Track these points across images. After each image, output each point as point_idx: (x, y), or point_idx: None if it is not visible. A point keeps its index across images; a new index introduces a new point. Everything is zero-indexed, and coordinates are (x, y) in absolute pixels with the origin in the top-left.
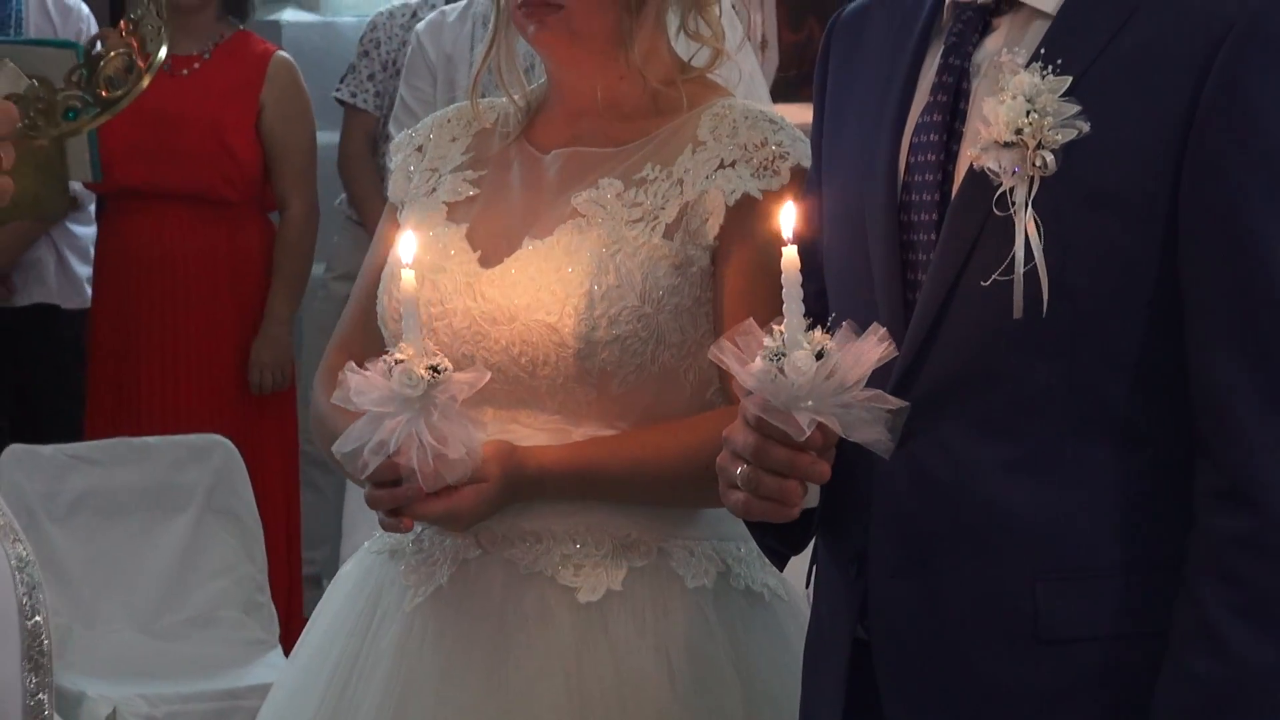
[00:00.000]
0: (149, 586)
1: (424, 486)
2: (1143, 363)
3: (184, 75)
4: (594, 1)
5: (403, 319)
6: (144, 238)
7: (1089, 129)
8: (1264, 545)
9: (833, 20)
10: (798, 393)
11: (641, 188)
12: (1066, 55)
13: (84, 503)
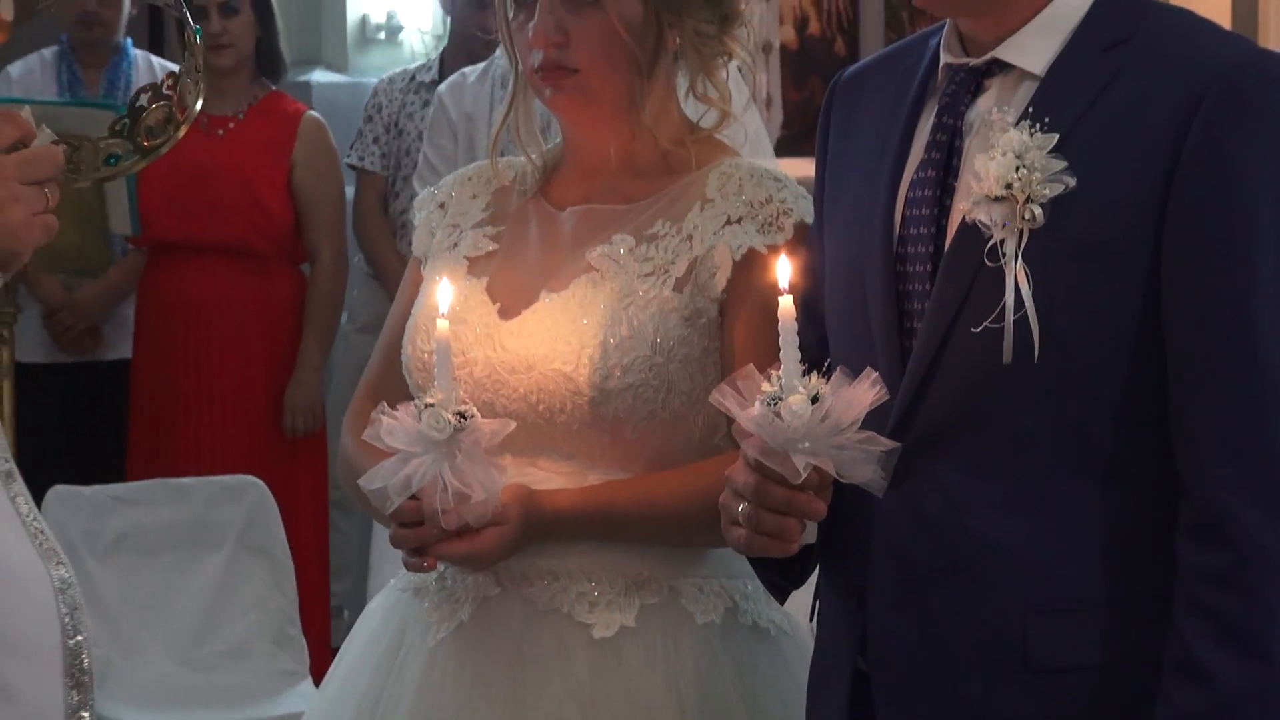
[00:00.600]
0: (185, 620)
1: (445, 527)
2: (1128, 406)
3: (219, 134)
4: (607, 66)
5: (436, 365)
6: (181, 288)
7: (1075, 184)
8: (1237, 579)
9: (834, 81)
10: (794, 435)
11: (653, 243)
12: (1054, 114)
13: (124, 541)
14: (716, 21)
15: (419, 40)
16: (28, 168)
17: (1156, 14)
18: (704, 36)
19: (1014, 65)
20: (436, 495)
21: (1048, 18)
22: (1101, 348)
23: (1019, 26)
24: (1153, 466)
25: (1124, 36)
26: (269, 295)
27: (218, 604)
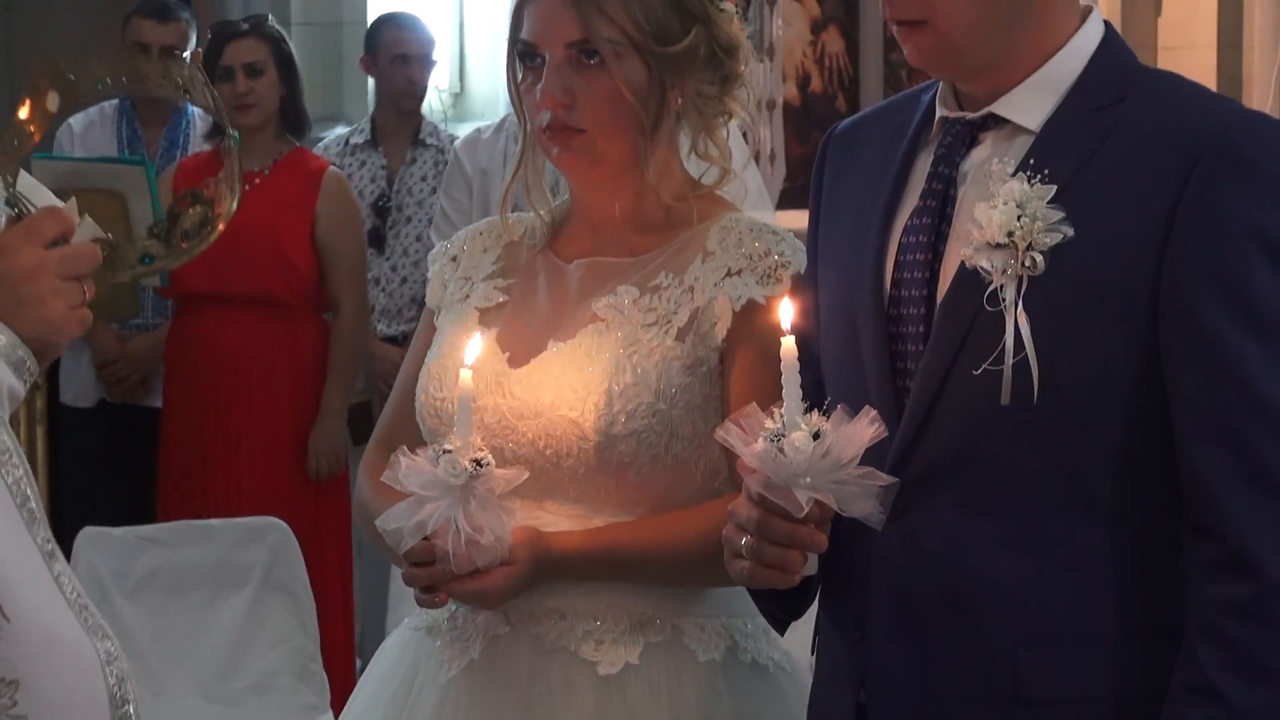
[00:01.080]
0: (211, 656)
1: (456, 569)
2: (1123, 448)
3: (246, 189)
4: (612, 126)
5: (457, 414)
6: (209, 338)
7: (1074, 234)
8: (1257, 611)
9: (829, 133)
10: (796, 470)
11: (656, 294)
12: (1052, 166)
13: (152, 580)
14: (717, 83)
15: (437, 98)
16: (68, 264)
17: (1146, 77)
18: (705, 97)
19: (1009, 120)
20: (449, 538)
21: (1042, 77)
22: (1097, 392)
23: (1014, 86)
24: (1145, 508)
25: (1116, 98)
26: (294, 343)
27: (242, 641)
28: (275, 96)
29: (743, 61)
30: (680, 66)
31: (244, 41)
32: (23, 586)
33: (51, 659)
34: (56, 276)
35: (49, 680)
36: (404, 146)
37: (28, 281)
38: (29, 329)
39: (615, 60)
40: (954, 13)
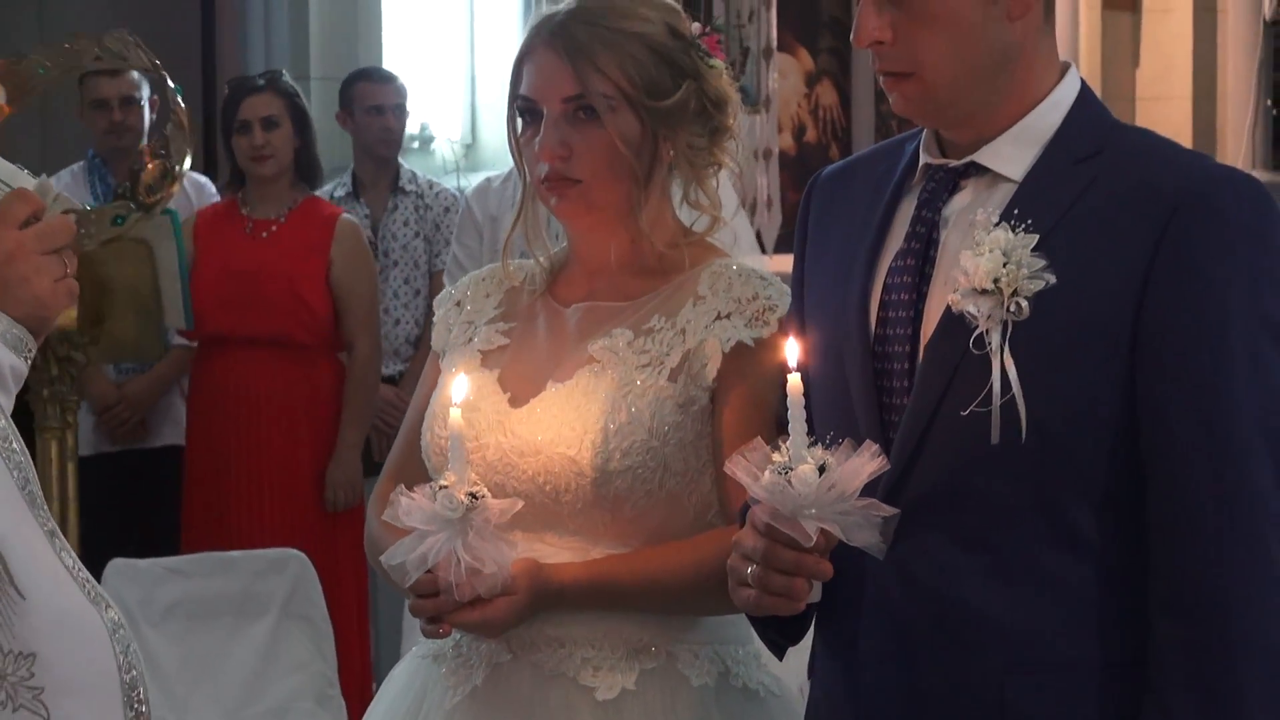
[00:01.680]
0: (234, 682)
1: (458, 598)
2: (1104, 485)
3: (264, 236)
4: (608, 177)
5: (450, 451)
6: (231, 377)
7: (1056, 281)
8: (1206, 649)
9: (814, 177)
10: (803, 502)
11: (649, 337)
12: (1034, 216)
13: (177, 609)
14: (707, 135)
15: (449, 149)
16: (45, 239)
17: (1122, 132)
18: (695, 149)
19: (990, 168)
20: (451, 569)
21: (1022, 128)
22: (1079, 431)
23: (995, 135)
24: (1126, 543)
25: (1094, 151)
26: (312, 382)
27: (263, 667)
28: (290, 148)
29: (732, 115)
30: (672, 120)
31: (260, 96)
32: (32, 564)
33: (64, 632)
34: (36, 253)
35: (62, 652)
36: (384, 195)
37: (9, 264)
38: (19, 308)
39: (610, 114)
40: (938, 65)
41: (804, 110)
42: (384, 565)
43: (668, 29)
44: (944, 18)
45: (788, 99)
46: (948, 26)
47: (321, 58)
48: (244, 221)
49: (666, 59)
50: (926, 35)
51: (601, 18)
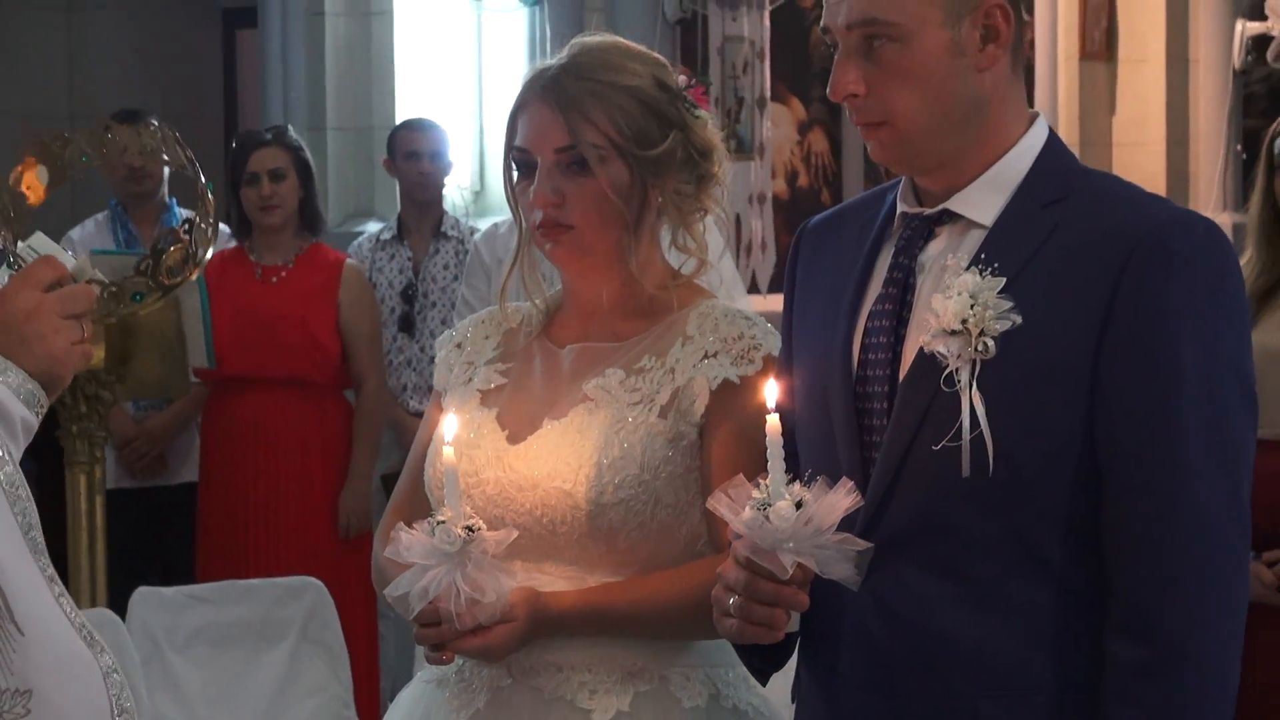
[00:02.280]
0: (254, 705)
1: (460, 627)
2: (1070, 516)
3: (273, 281)
4: (598, 223)
5: (445, 486)
6: (247, 415)
7: (1022, 321)
8: (1154, 671)
9: (801, 228)
10: (781, 536)
11: (640, 375)
12: (1002, 260)
13: (200, 635)
14: (694, 182)
15: (459, 195)
16: (66, 303)
17: (1087, 177)
18: (683, 195)
19: (963, 215)
20: (451, 599)
21: (992, 176)
22: (1046, 465)
23: (967, 183)
24: (1091, 571)
25: (1060, 196)
26: (323, 418)
27: (282, 690)
28: (295, 198)
29: (717, 163)
30: (660, 168)
31: (268, 150)
32: (32, 605)
33: (60, 671)
34: (56, 315)
35: (58, 690)
36: (427, 239)
37: (29, 321)
38: (35, 364)
39: (600, 164)
40: (909, 114)
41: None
42: (388, 598)
43: (655, 82)
44: (914, 70)
45: (781, 146)
46: (918, 79)
47: (337, 109)
48: (253, 267)
49: (654, 110)
50: (898, 87)
51: (592, 72)
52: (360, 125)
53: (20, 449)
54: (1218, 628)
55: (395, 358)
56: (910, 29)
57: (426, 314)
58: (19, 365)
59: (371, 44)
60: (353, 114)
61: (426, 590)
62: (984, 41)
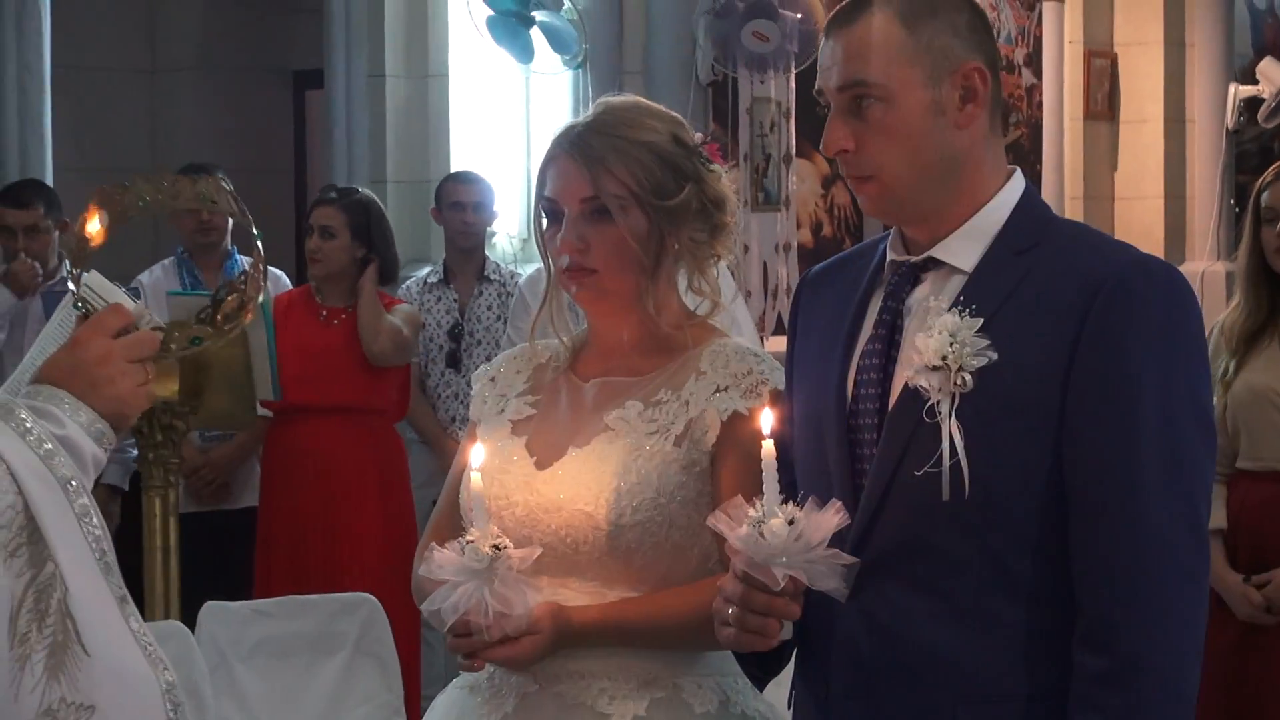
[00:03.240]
0: (311, 711)
1: (488, 638)
2: (1040, 538)
3: (335, 323)
4: (619, 267)
5: (473, 509)
6: (305, 442)
7: (997, 358)
8: (1116, 680)
9: (803, 277)
10: (774, 551)
11: (657, 407)
12: (980, 302)
13: (262, 646)
14: (707, 231)
15: (508, 242)
16: (133, 349)
17: (1057, 226)
18: (697, 242)
19: (945, 262)
20: (480, 613)
21: (972, 226)
22: (1018, 490)
23: (950, 232)
24: (1060, 588)
25: (1033, 243)
26: (375, 445)
27: (337, 698)
28: (344, 256)
29: (730, 213)
30: (676, 218)
31: (325, 208)
32: (100, 627)
33: (121, 688)
34: (123, 360)
35: (118, 706)
36: (471, 282)
37: (99, 366)
38: (104, 405)
39: (621, 213)
40: (895, 169)
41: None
42: (425, 611)
43: (673, 138)
44: (898, 128)
45: (805, 199)
46: (902, 136)
47: (396, 163)
48: (318, 309)
49: (671, 164)
50: (884, 143)
51: (614, 129)
52: (418, 179)
53: (91, 481)
54: (1176, 640)
55: (443, 391)
56: (894, 90)
57: (472, 351)
58: (90, 406)
59: (428, 104)
60: (410, 168)
61: (457, 605)
62: (963, 101)
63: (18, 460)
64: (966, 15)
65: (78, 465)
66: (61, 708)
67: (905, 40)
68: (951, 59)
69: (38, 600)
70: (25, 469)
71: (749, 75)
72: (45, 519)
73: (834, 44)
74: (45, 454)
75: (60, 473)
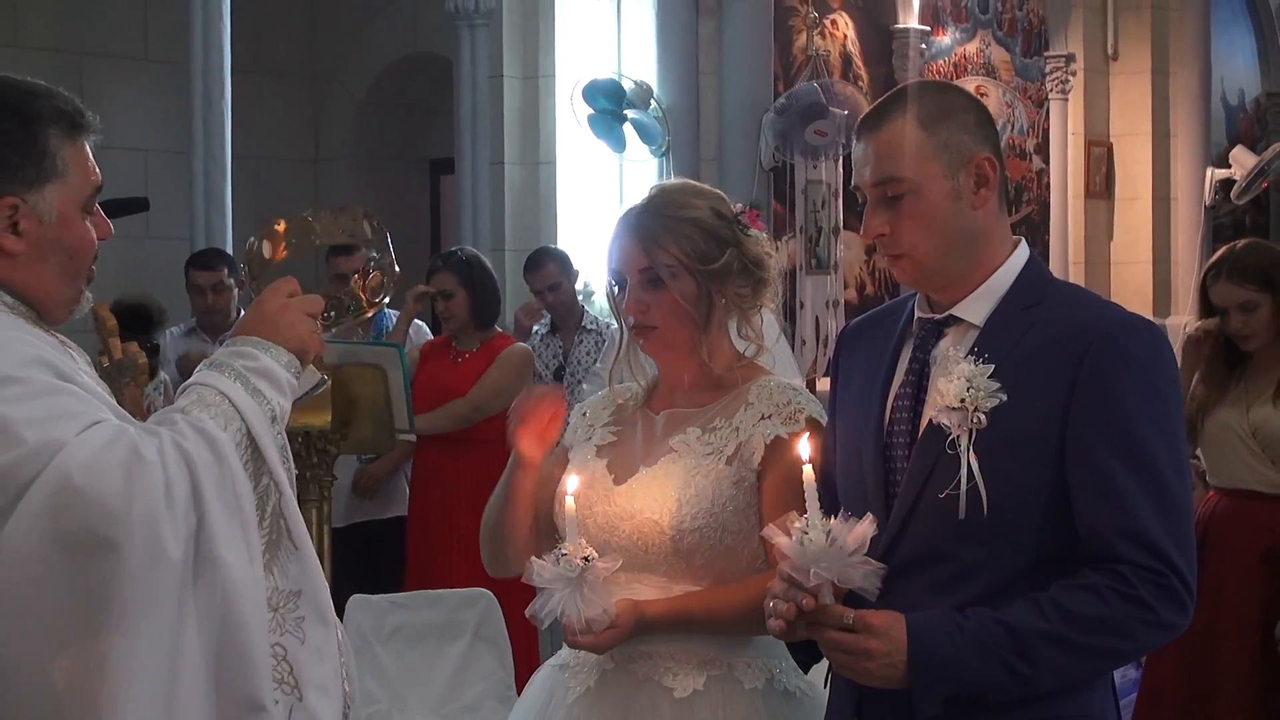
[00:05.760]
0: (439, 685)
1: (579, 634)
2: (1038, 550)
3: (459, 361)
4: (675, 324)
5: (566, 528)
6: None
7: (1007, 399)
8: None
9: (843, 330)
10: (815, 557)
11: (713, 433)
12: (990, 352)
13: (399, 632)
14: (750, 286)
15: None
16: (304, 304)
17: (1056, 287)
18: (742, 297)
19: (962, 319)
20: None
21: (985, 288)
22: (1023, 509)
23: (967, 294)
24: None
25: (1036, 300)
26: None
27: (460, 675)
28: (464, 309)
29: (768, 270)
30: (720, 278)
31: (439, 275)
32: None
33: (316, 576)
34: (298, 311)
35: (315, 588)
36: (572, 333)
37: (280, 315)
38: (288, 343)
39: (672, 280)
40: (924, 248)
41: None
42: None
43: (713, 212)
44: (925, 214)
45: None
46: (928, 220)
47: (513, 234)
48: (451, 352)
49: (713, 234)
50: (913, 227)
51: (664, 209)
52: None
53: (289, 402)
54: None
55: None
56: (919, 182)
57: (575, 389)
58: (277, 343)
59: (539, 186)
60: (525, 238)
61: (554, 611)
62: (977, 186)
63: (239, 399)
64: (974, 114)
65: (274, 388)
66: (274, 595)
67: (926, 140)
68: (965, 152)
69: (258, 504)
70: (245, 405)
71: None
72: (262, 441)
73: (865, 145)
74: (254, 392)
75: (267, 409)
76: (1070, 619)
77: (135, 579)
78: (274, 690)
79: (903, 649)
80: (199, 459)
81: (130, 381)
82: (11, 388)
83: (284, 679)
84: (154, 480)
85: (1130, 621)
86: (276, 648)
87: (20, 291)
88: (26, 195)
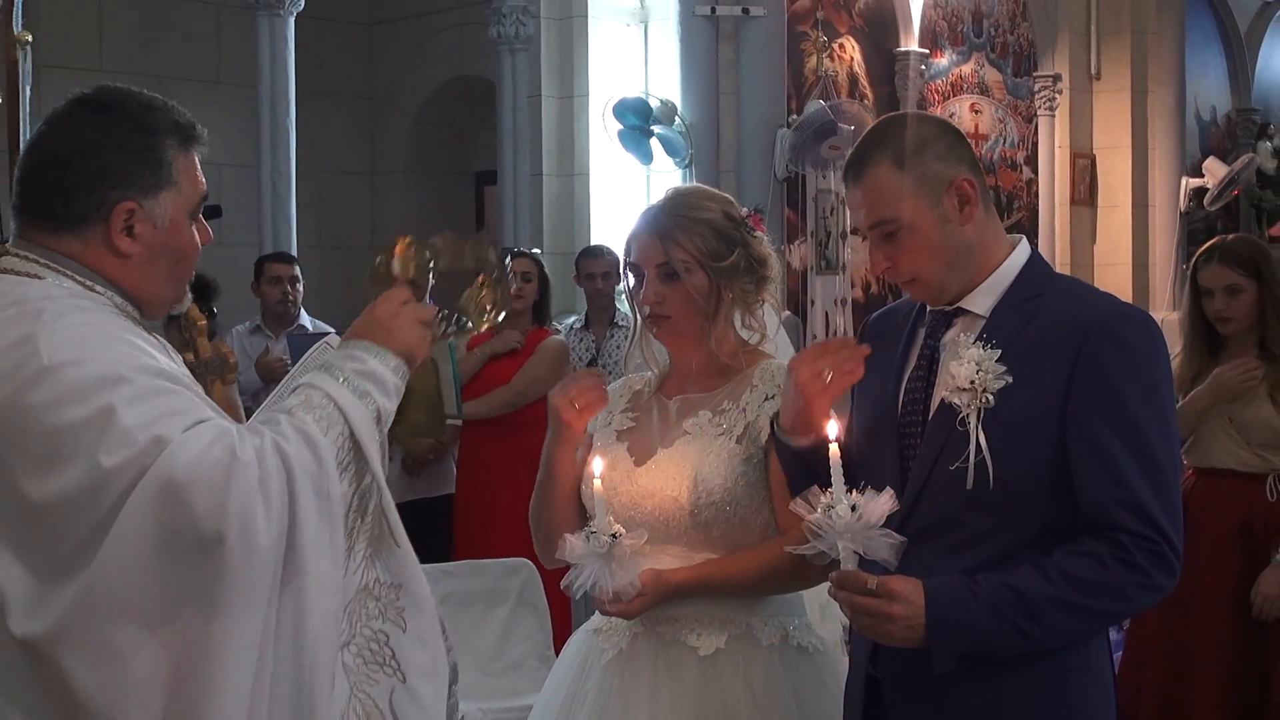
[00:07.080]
0: (485, 646)
1: (608, 603)
2: (1042, 518)
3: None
4: (687, 314)
5: (595, 507)
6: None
7: (1012, 381)
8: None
9: (865, 320)
10: (840, 529)
11: (722, 415)
12: (997, 337)
13: (449, 598)
14: (754, 282)
15: None
16: (416, 311)
17: (1057, 280)
18: (746, 292)
19: (969, 310)
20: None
21: (990, 283)
22: (1026, 481)
23: (974, 288)
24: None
25: (1038, 292)
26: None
27: (504, 637)
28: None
29: (771, 268)
30: (728, 274)
31: (521, 260)
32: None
33: (416, 570)
34: (410, 318)
35: (415, 580)
36: (605, 329)
37: (393, 320)
38: (398, 348)
39: (686, 274)
40: (926, 272)
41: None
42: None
43: (724, 214)
44: (920, 244)
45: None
46: (925, 248)
47: (551, 240)
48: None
49: (723, 234)
50: (912, 257)
51: (679, 210)
52: (567, 252)
53: (394, 404)
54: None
55: None
56: (909, 218)
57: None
58: (387, 349)
59: (574, 195)
60: (561, 244)
61: (585, 584)
62: (961, 205)
63: (345, 401)
64: (945, 140)
65: (381, 390)
66: (377, 586)
67: (904, 180)
68: (944, 179)
69: (360, 502)
70: (351, 407)
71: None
72: (365, 442)
73: (853, 191)
74: (361, 394)
75: (371, 409)
76: (1074, 583)
77: (234, 574)
78: (376, 671)
79: (921, 613)
80: (298, 461)
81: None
82: (124, 388)
83: (386, 662)
84: (250, 478)
85: (1128, 585)
86: (380, 634)
87: (130, 292)
88: (143, 200)
